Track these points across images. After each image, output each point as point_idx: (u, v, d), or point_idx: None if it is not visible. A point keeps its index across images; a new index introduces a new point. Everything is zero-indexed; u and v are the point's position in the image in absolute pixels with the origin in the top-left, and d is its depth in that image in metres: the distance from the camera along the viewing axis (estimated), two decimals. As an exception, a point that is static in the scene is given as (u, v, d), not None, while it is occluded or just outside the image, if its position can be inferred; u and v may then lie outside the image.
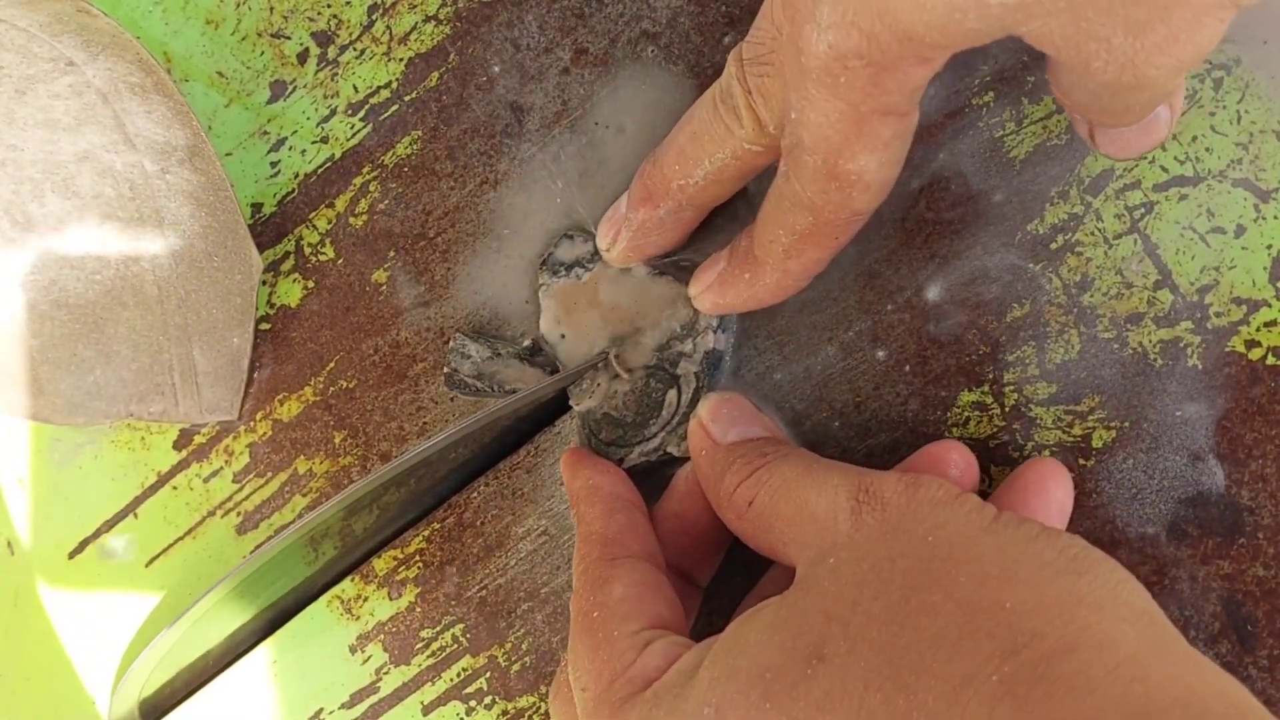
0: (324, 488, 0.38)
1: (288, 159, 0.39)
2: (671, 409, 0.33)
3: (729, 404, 0.32)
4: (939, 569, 0.24)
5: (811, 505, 0.27)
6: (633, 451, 0.34)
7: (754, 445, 0.30)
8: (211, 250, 0.38)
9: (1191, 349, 0.31)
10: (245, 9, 0.39)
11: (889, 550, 0.25)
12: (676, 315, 0.34)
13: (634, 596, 0.29)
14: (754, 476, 0.29)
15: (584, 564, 0.31)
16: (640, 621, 0.28)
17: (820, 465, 0.28)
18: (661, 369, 0.34)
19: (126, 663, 0.40)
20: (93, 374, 0.39)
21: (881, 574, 0.24)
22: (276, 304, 0.39)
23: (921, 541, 0.25)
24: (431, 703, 0.37)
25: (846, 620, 0.24)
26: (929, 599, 0.24)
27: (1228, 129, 0.31)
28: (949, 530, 0.25)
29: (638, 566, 0.30)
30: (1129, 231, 0.31)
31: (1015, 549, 0.24)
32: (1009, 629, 0.22)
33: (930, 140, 0.33)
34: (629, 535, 0.31)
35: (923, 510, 0.25)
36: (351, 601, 0.38)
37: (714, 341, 0.33)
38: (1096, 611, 0.23)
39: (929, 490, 0.26)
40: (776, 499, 0.28)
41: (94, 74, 0.36)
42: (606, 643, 0.28)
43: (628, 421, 0.34)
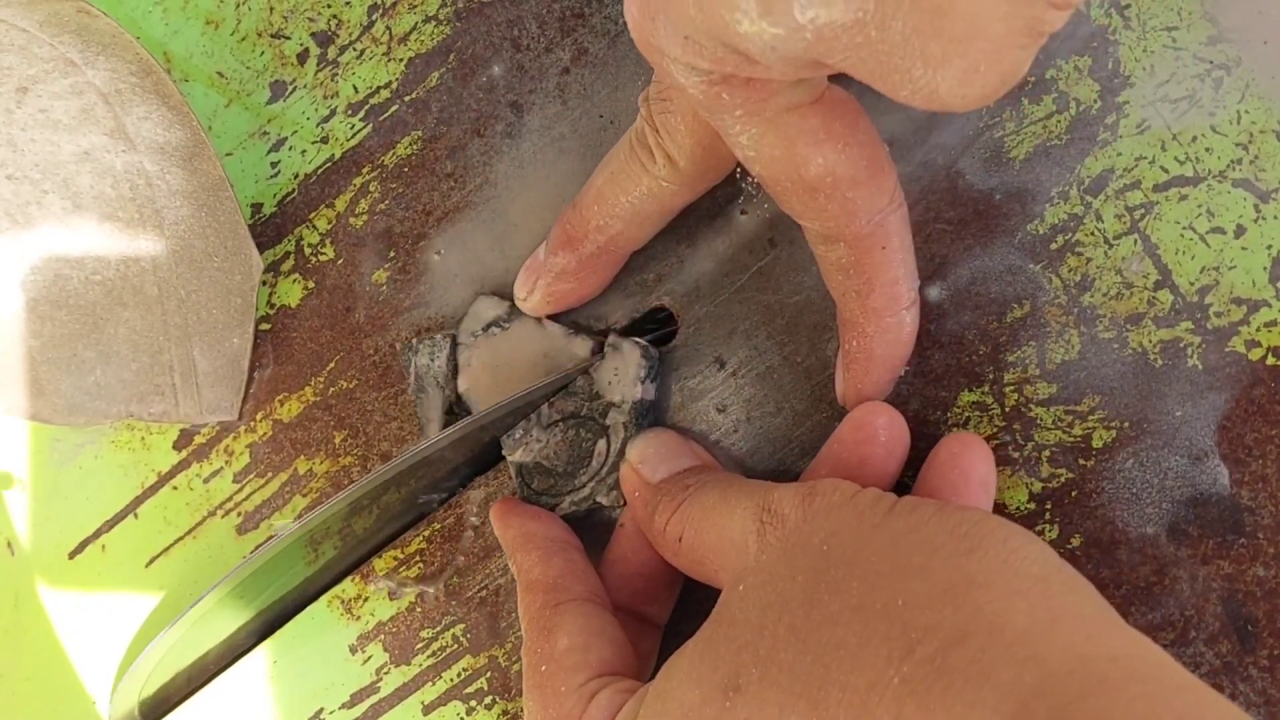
0: (324, 488, 0.38)
1: (288, 159, 0.39)
2: (601, 459, 0.34)
3: (655, 442, 0.33)
4: (834, 576, 0.24)
5: (730, 532, 0.28)
6: (564, 500, 0.34)
7: (678, 479, 0.31)
8: (211, 250, 0.38)
9: (1192, 349, 0.31)
10: (245, 9, 0.39)
11: (788, 567, 0.25)
12: (606, 364, 0.34)
13: (579, 646, 0.30)
14: (679, 512, 0.30)
15: (529, 612, 0.31)
16: (586, 672, 0.29)
17: (733, 489, 0.29)
18: (592, 419, 0.34)
19: (126, 663, 0.40)
20: (93, 374, 0.39)
21: (783, 593, 0.25)
22: (277, 304, 0.39)
23: (817, 552, 0.25)
24: (432, 702, 0.37)
25: (756, 646, 0.24)
26: (828, 610, 0.24)
27: (1228, 129, 0.31)
28: (842, 535, 0.25)
29: (582, 610, 0.30)
30: (1129, 232, 0.31)
31: (906, 540, 0.24)
32: (904, 627, 0.22)
33: (930, 140, 0.33)
34: (570, 578, 0.31)
35: (818, 519, 0.26)
36: (352, 601, 0.38)
37: (642, 392, 0.34)
38: (987, 590, 0.22)
39: (824, 497, 0.26)
40: (701, 531, 0.29)
41: (94, 74, 0.36)
42: (555, 699, 0.29)
43: (559, 471, 0.34)
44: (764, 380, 0.34)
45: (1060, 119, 0.32)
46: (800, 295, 0.34)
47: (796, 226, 0.34)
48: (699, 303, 0.35)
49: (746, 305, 0.34)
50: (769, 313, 0.34)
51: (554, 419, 0.34)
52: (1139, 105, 0.31)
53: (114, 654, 0.40)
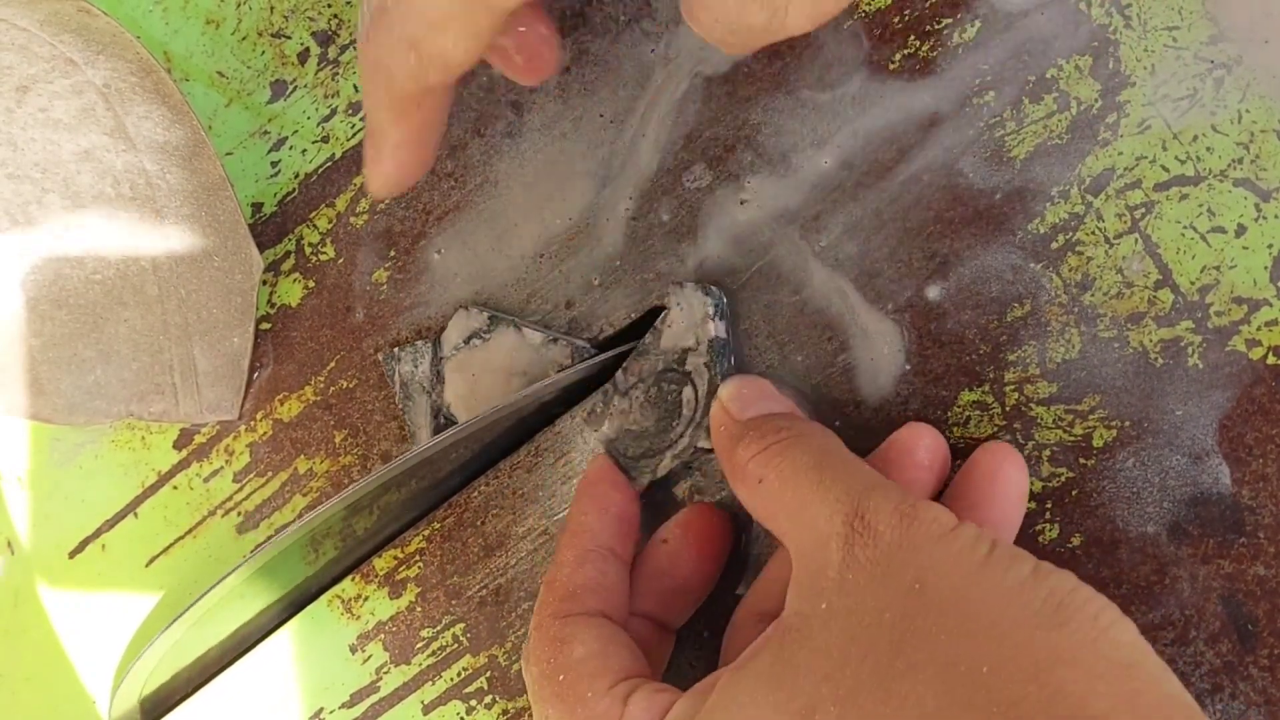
0: (324, 487, 0.38)
1: (288, 158, 0.39)
2: (691, 406, 0.33)
3: (749, 384, 0.32)
4: (923, 625, 0.24)
5: (812, 510, 0.27)
6: (664, 459, 0.34)
7: (770, 420, 0.30)
8: (212, 250, 0.38)
9: (1192, 348, 0.31)
10: (245, 9, 0.39)
11: (877, 600, 0.24)
12: (671, 314, 0.34)
13: (597, 653, 0.29)
14: (766, 453, 0.28)
15: (537, 619, 0.31)
16: (610, 676, 0.28)
17: (829, 461, 0.28)
18: (671, 370, 0.33)
19: (126, 663, 0.40)
20: (93, 374, 0.39)
21: (870, 630, 0.24)
22: (277, 304, 0.39)
23: (909, 592, 0.24)
24: (432, 702, 0.37)
25: (837, 681, 0.24)
26: (913, 659, 0.23)
27: (1228, 129, 0.31)
28: (937, 576, 0.24)
29: (593, 623, 0.30)
30: (1130, 231, 0.31)
31: (1001, 597, 0.24)
32: (986, 697, 0.22)
33: (930, 140, 0.33)
34: (588, 592, 0.31)
35: (913, 550, 0.25)
36: (352, 601, 0.38)
37: (715, 329, 0.33)
38: (1073, 669, 0.22)
39: (923, 525, 0.25)
40: (784, 485, 0.28)
41: (94, 73, 0.36)
42: (581, 704, 0.28)
43: (651, 432, 0.34)
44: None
45: (1061, 118, 0.32)
46: (800, 295, 0.34)
47: (796, 227, 0.34)
48: (699, 302, 0.35)
49: (746, 305, 0.34)
50: (769, 313, 0.34)
51: (632, 383, 0.34)
52: (1140, 104, 0.31)
53: (114, 654, 0.40)
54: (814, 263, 0.34)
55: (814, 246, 0.34)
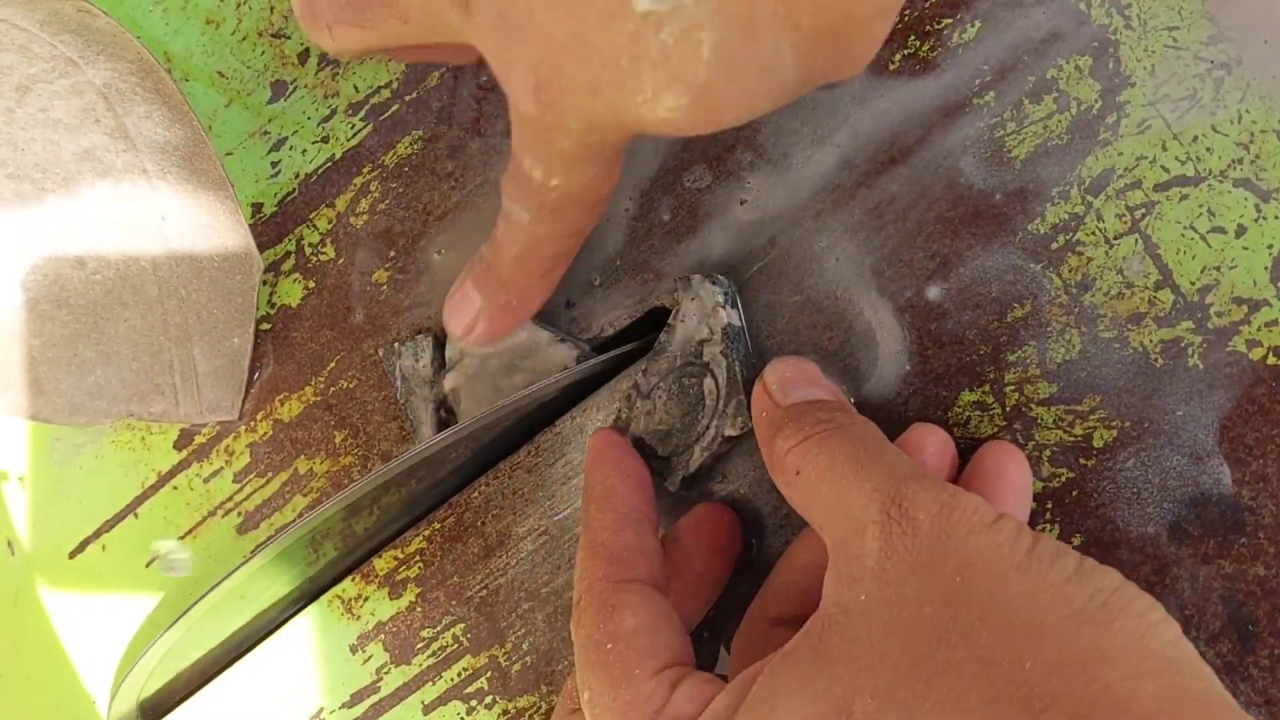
0: (324, 488, 0.38)
1: (288, 159, 0.39)
2: (714, 395, 0.33)
3: (793, 367, 0.31)
4: (965, 618, 0.23)
5: (849, 500, 0.26)
6: (694, 453, 0.33)
7: (811, 409, 0.29)
8: (212, 250, 0.38)
9: (1192, 349, 0.31)
10: (245, 9, 0.39)
11: (917, 592, 0.24)
12: (681, 310, 0.34)
13: (649, 629, 0.28)
14: (804, 445, 0.28)
15: (589, 582, 0.30)
16: (661, 659, 0.28)
17: (868, 453, 0.27)
18: (690, 364, 0.33)
19: (126, 663, 0.40)
20: (93, 374, 0.39)
21: (909, 621, 0.24)
22: (277, 304, 0.39)
23: (950, 583, 0.24)
24: (432, 702, 0.37)
25: (876, 673, 0.24)
26: (953, 656, 0.23)
27: (1228, 129, 0.31)
28: (978, 569, 0.24)
29: (646, 594, 0.29)
30: (1130, 231, 0.31)
31: (1045, 594, 0.23)
32: (1029, 693, 0.22)
33: (930, 140, 0.33)
34: (637, 556, 0.30)
35: (954, 541, 0.24)
36: (352, 601, 0.38)
37: (727, 317, 0.33)
38: (1119, 668, 0.22)
39: (963, 516, 0.25)
40: (822, 479, 0.27)
41: (94, 74, 0.36)
42: (628, 681, 0.28)
43: (679, 428, 0.33)
44: (764, 380, 0.34)
45: (1061, 119, 0.32)
46: (800, 295, 0.34)
47: (797, 227, 0.34)
48: (699, 302, 0.35)
49: (747, 305, 0.34)
50: (769, 313, 0.34)
51: (653, 383, 0.34)
52: (1140, 105, 0.31)
53: (114, 654, 0.40)
54: (814, 263, 0.34)
55: (814, 246, 0.34)
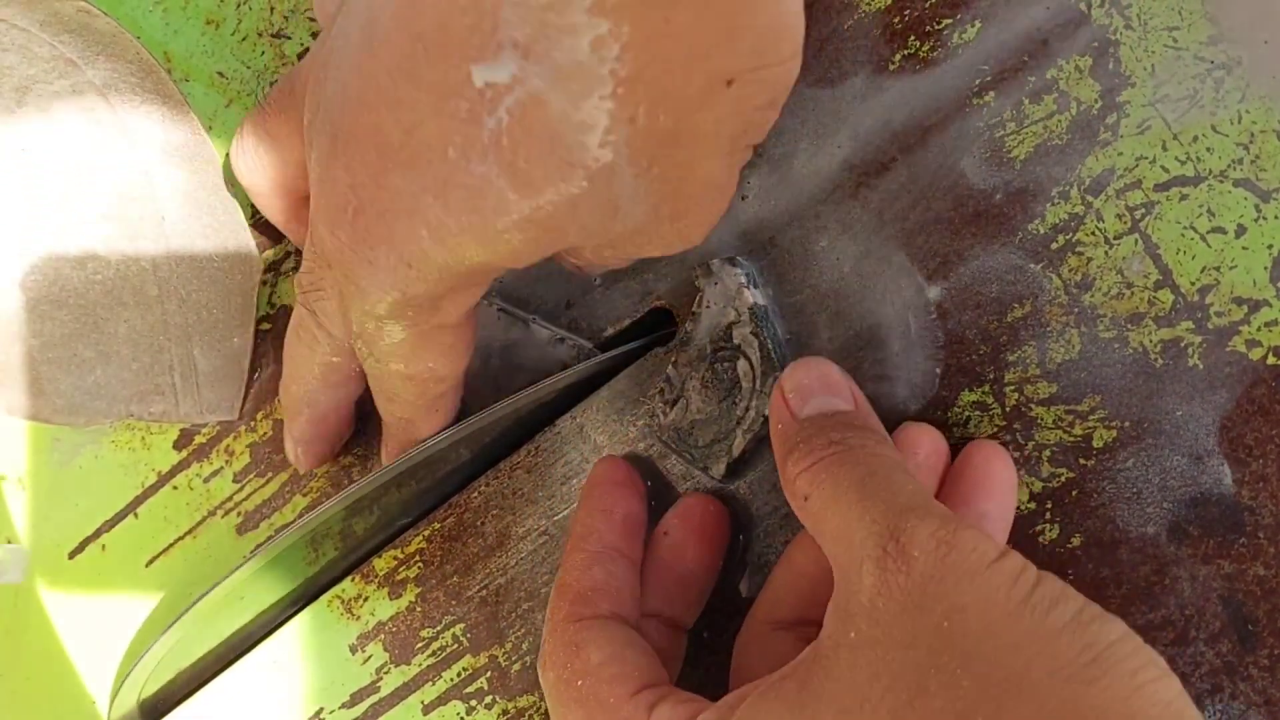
0: (324, 488, 0.38)
1: (288, 159, 0.39)
2: (750, 377, 0.32)
3: (810, 372, 0.30)
4: (947, 667, 0.23)
5: (851, 532, 0.26)
6: (735, 437, 0.33)
7: (824, 427, 0.29)
8: (212, 250, 0.38)
9: (1192, 349, 0.31)
10: (245, 9, 0.39)
11: (904, 634, 0.24)
12: (704, 296, 0.33)
13: (615, 657, 0.29)
14: (813, 470, 0.27)
15: (552, 624, 0.31)
16: (633, 682, 0.28)
17: (873, 482, 0.26)
18: (721, 349, 0.33)
19: (127, 663, 0.40)
20: (93, 374, 0.39)
21: (893, 665, 0.23)
22: (277, 304, 0.39)
23: (936, 630, 0.23)
24: (432, 702, 0.37)
25: (857, 716, 0.23)
26: (931, 705, 0.22)
27: (1228, 129, 0.31)
28: (968, 615, 0.23)
29: (607, 627, 0.30)
30: (1129, 231, 0.31)
31: (1035, 642, 0.23)
32: None
33: (930, 140, 0.33)
34: (601, 593, 0.31)
35: (948, 583, 0.24)
36: (352, 601, 0.38)
37: (753, 297, 0.33)
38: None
39: (962, 556, 0.24)
40: (827, 506, 0.27)
41: (94, 74, 0.36)
42: (603, 710, 0.28)
43: (716, 415, 0.33)
44: (764, 380, 0.34)
45: (1060, 119, 0.32)
46: (800, 294, 0.34)
47: (797, 226, 0.34)
48: (699, 302, 0.35)
49: (747, 305, 0.34)
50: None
51: (685, 375, 0.33)
52: (1139, 105, 0.31)
53: (114, 654, 0.40)
54: (815, 262, 0.34)
55: (815, 246, 0.34)
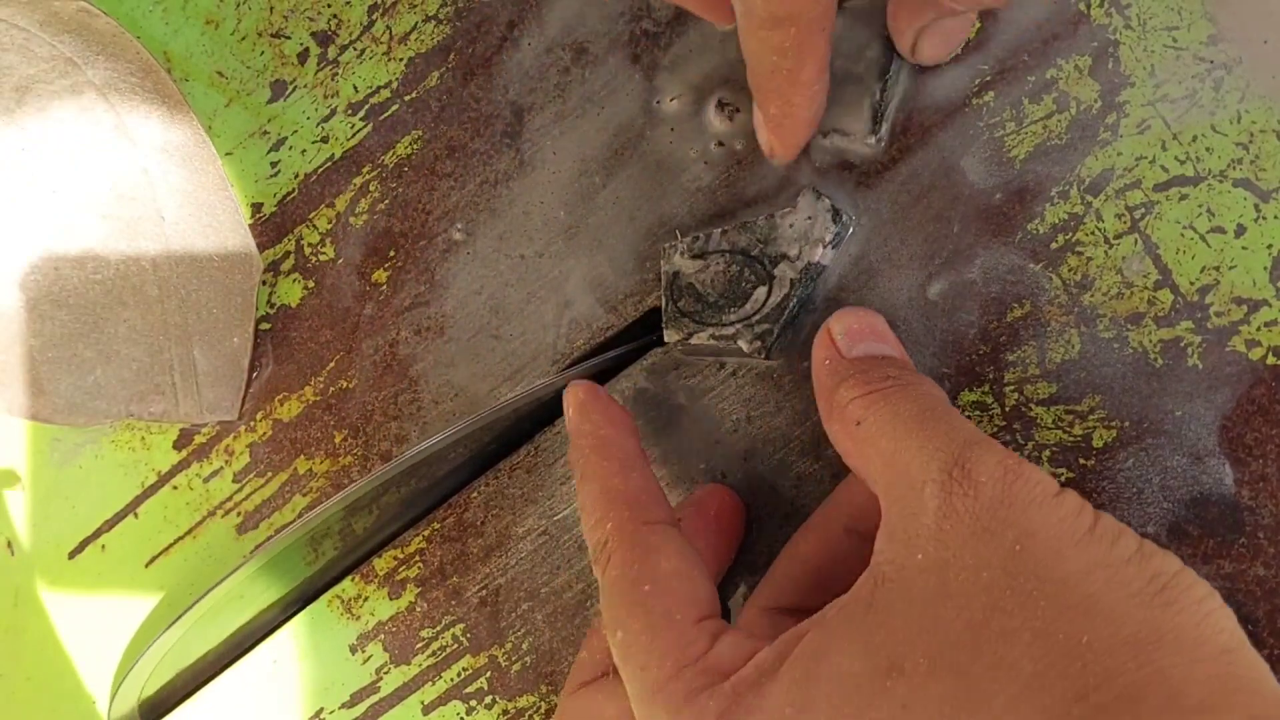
0: (324, 488, 0.38)
1: (288, 159, 0.39)
2: (756, 305, 0.32)
3: (861, 319, 0.30)
4: (1022, 588, 0.23)
5: (908, 457, 0.26)
6: (705, 331, 0.33)
7: (879, 364, 0.29)
8: (211, 250, 0.38)
9: (1192, 349, 0.31)
10: (245, 9, 0.39)
11: (975, 558, 0.24)
12: (793, 213, 0.33)
13: (684, 573, 0.28)
14: (868, 399, 0.28)
15: (614, 524, 0.29)
16: (700, 608, 0.28)
17: (935, 415, 0.27)
18: (760, 263, 0.32)
19: (126, 663, 0.40)
20: (93, 374, 0.39)
21: (966, 587, 0.24)
22: (277, 304, 0.39)
23: (1009, 553, 0.24)
24: (432, 702, 0.37)
25: (930, 633, 0.24)
26: (1009, 624, 0.23)
27: (1228, 129, 0.31)
28: (1038, 541, 0.24)
29: (676, 538, 0.29)
30: (1129, 231, 0.31)
31: (1104, 572, 0.23)
32: (1082, 668, 0.22)
33: (930, 140, 0.33)
34: (653, 500, 0.30)
35: (1015, 509, 0.24)
36: (352, 601, 0.38)
37: (820, 256, 0.32)
38: (1173, 653, 0.22)
39: (1026, 485, 0.24)
40: (882, 431, 0.27)
41: (94, 73, 0.36)
42: (668, 625, 0.27)
43: (709, 301, 0.33)
44: (764, 380, 0.34)
45: (1060, 119, 0.32)
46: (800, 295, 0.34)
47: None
48: (699, 302, 0.35)
49: (746, 305, 0.34)
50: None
51: (722, 247, 0.33)
52: (1139, 105, 0.31)
53: (114, 654, 0.40)
54: (814, 263, 0.34)
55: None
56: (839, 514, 0.31)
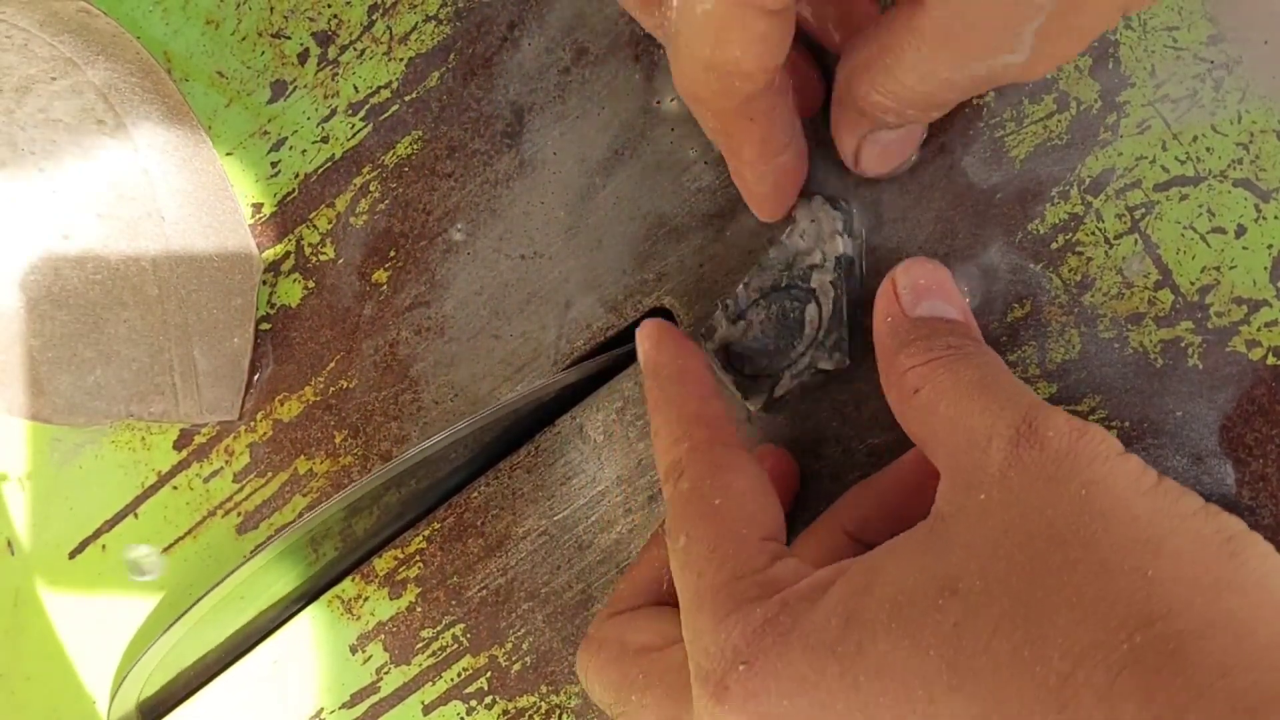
0: (324, 488, 0.38)
1: (288, 159, 0.39)
2: (814, 324, 0.32)
3: (928, 273, 0.30)
4: (1087, 525, 0.23)
5: (972, 420, 0.26)
6: (783, 378, 0.32)
7: (941, 329, 0.29)
8: (211, 250, 0.38)
9: (1192, 349, 0.31)
10: (245, 9, 0.39)
11: (1040, 499, 0.24)
12: (797, 228, 0.33)
13: (756, 492, 0.28)
14: (929, 366, 0.28)
15: (691, 443, 0.29)
16: (765, 529, 0.28)
17: (999, 381, 0.27)
18: (795, 287, 0.32)
19: (126, 663, 0.40)
20: (93, 374, 0.39)
21: (1030, 522, 0.24)
22: (277, 304, 0.39)
23: (1075, 496, 0.24)
24: (432, 702, 0.37)
25: (989, 559, 0.24)
26: (1071, 554, 0.23)
27: (1228, 129, 0.31)
28: (1104, 488, 0.24)
29: (750, 460, 0.29)
30: (1129, 231, 0.31)
31: (1169, 520, 0.23)
32: (1147, 598, 0.22)
33: (930, 140, 0.33)
34: (730, 425, 0.30)
35: (1082, 462, 0.24)
36: (352, 601, 0.38)
37: (842, 246, 0.32)
38: (1241, 597, 0.22)
39: (1093, 443, 0.25)
40: (942, 398, 0.27)
41: (94, 73, 0.36)
42: (733, 538, 0.27)
43: (770, 350, 0.32)
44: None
45: (1060, 119, 0.32)
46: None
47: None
48: (699, 303, 0.35)
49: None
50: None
51: (753, 298, 0.33)
52: (1139, 105, 0.31)
53: (114, 654, 0.40)
54: (814, 263, 0.34)
55: (814, 247, 0.34)
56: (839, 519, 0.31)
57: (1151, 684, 0.21)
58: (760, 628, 0.25)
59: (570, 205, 0.36)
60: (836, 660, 0.24)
